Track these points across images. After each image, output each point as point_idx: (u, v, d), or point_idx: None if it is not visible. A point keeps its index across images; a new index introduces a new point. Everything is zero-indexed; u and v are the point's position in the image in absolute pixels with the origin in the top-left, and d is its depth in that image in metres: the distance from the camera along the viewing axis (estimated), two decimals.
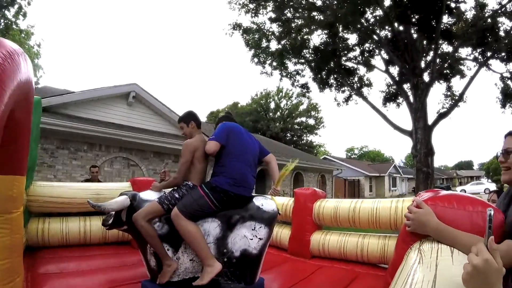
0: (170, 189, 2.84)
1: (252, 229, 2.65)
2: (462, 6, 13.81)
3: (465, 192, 33.45)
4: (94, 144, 9.46)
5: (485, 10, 13.66)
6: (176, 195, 2.69)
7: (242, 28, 15.84)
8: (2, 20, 17.73)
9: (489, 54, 13.97)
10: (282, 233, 4.42)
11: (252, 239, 2.63)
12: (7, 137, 1.62)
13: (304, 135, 44.19)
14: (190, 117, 3.00)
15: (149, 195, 2.82)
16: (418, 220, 1.48)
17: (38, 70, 22.80)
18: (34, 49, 22.20)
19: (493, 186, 30.88)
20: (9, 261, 1.81)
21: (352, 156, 72.87)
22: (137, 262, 3.22)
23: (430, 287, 0.91)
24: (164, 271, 2.56)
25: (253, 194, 2.84)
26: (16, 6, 17.71)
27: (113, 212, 2.72)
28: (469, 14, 14.10)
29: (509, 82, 14.72)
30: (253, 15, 15.50)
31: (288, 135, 42.46)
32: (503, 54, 13.89)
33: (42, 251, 3.76)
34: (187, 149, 2.77)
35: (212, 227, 2.64)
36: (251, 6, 15.22)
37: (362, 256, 3.60)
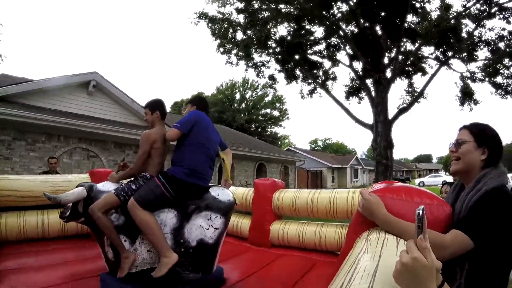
0: (127, 180, 2.82)
1: (208, 219, 2.69)
2: (427, 7, 14.36)
3: (424, 184, 34.81)
4: (53, 134, 9.16)
5: (450, 12, 14.19)
6: (133, 186, 2.68)
7: (208, 17, 15.65)
8: None
9: (450, 54, 14.53)
10: (243, 223, 4.48)
11: (208, 229, 2.67)
12: None
13: (269, 127, 44.54)
14: (156, 106, 2.98)
15: (106, 186, 2.79)
16: (367, 208, 1.52)
17: None
18: None
19: (450, 179, 32.23)
20: None
21: (315, 148, 74.08)
22: (96, 255, 3.19)
23: (371, 277, 0.92)
24: (122, 264, 2.56)
25: (210, 185, 2.87)
26: None
27: (70, 204, 2.67)
28: (434, 15, 14.67)
29: (468, 81, 15.38)
30: (220, 5, 15.40)
31: (253, 126, 42.60)
32: (464, 54, 14.53)
33: (0, 247, 3.66)
34: (146, 140, 2.76)
35: (168, 217, 2.65)
36: None
37: (320, 244, 3.73)
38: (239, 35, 16.08)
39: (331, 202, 3.65)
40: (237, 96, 43.65)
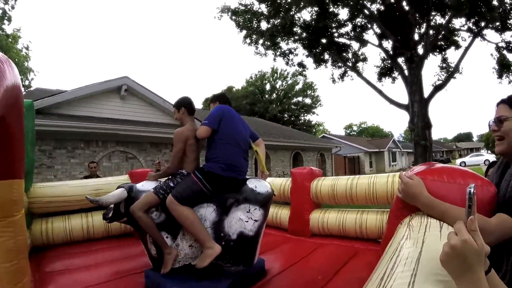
0: (165, 179, 2.87)
1: (247, 212, 2.68)
2: None
3: (465, 164, 33.44)
4: (91, 140, 9.47)
5: None
6: (171, 184, 2.73)
7: (230, 10, 15.62)
8: None
9: (483, 24, 13.71)
10: (282, 213, 4.47)
11: (247, 221, 2.66)
12: (1, 143, 1.66)
13: (302, 115, 44.11)
14: (181, 103, 3.01)
15: (146, 186, 2.86)
16: (408, 191, 1.45)
17: (29, 73, 22.51)
18: (23, 52, 21.91)
19: (492, 157, 30.86)
20: (15, 263, 1.87)
21: (351, 133, 73.01)
22: (140, 253, 3.28)
23: (414, 264, 0.89)
24: (165, 260, 2.61)
25: (247, 177, 2.86)
26: (0, 12, 17.53)
27: (112, 206, 2.77)
28: None
29: (504, 52, 14.51)
30: None
31: (286, 116, 42.36)
32: (497, 23, 13.63)
33: (48, 251, 3.84)
34: (178, 138, 2.79)
35: (208, 212, 2.67)
36: None
37: (361, 232, 3.66)
38: (264, 25, 15.96)
39: (370, 187, 3.57)
40: (267, 87, 43.48)
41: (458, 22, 14.51)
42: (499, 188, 1.41)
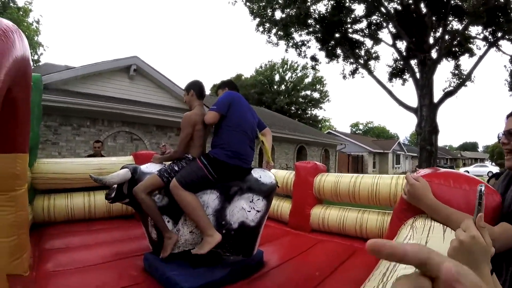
0: (170, 162, 2.85)
1: (250, 201, 2.67)
2: None
3: (468, 173, 33.34)
4: (97, 119, 9.49)
5: None
6: (176, 168, 2.72)
7: None
8: None
9: (499, 34, 13.54)
10: (283, 206, 4.45)
11: (249, 211, 2.65)
12: (6, 115, 1.64)
13: (309, 109, 43.96)
14: (191, 86, 2.98)
15: (150, 168, 2.85)
16: (414, 192, 1.45)
17: (38, 47, 22.47)
18: (33, 26, 21.87)
19: (496, 170, 30.69)
20: (16, 238, 1.87)
21: (357, 132, 72.76)
22: (140, 235, 3.28)
23: None
24: (165, 244, 2.61)
25: (252, 167, 2.85)
26: None
27: (115, 186, 2.76)
28: None
29: None
30: None
31: (293, 108, 42.23)
32: None
33: (48, 227, 3.84)
34: (187, 123, 2.76)
35: (211, 198, 2.66)
36: None
37: (361, 231, 3.63)
38: (278, 14, 15.79)
39: (373, 188, 3.53)
40: (277, 77, 43.25)
41: (474, 30, 14.43)
42: (504, 198, 1.42)
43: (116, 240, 3.49)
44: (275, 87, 42.75)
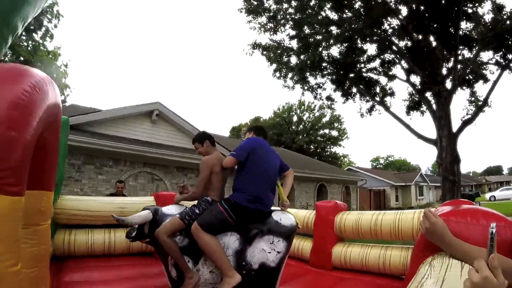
0: (190, 205, 2.92)
1: (270, 243, 2.67)
2: (480, 10, 13.45)
3: (495, 198, 32.14)
4: (119, 159, 9.74)
5: (503, 12, 13.23)
6: (197, 211, 2.78)
7: (261, 46, 15.97)
8: (30, 42, 18.65)
9: (511, 56, 13.48)
10: (304, 245, 4.39)
11: (270, 252, 2.65)
12: (37, 157, 1.74)
13: (328, 147, 43.86)
14: (204, 137, 3.16)
15: (171, 210, 2.91)
16: (434, 230, 1.46)
17: (66, 89, 23.32)
18: (61, 69, 22.90)
19: None
20: (36, 270, 1.91)
21: (377, 166, 71.71)
22: (159, 273, 3.27)
23: None
24: (185, 283, 2.61)
25: (272, 209, 2.88)
26: (43, 29, 18.68)
27: (137, 226, 2.81)
28: (487, 18, 13.68)
29: None
30: (272, 33, 15.65)
31: (312, 147, 42.19)
32: None
33: (68, 261, 3.87)
34: (205, 165, 2.89)
35: (231, 240, 2.68)
36: (270, 25, 15.37)
37: (384, 268, 3.54)
38: (293, 59, 16.19)
39: (395, 224, 3.46)
40: (295, 118, 43.67)
41: (485, 56, 14.32)
42: None
43: (135, 276, 3.49)
44: (293, 127, 43.07)
